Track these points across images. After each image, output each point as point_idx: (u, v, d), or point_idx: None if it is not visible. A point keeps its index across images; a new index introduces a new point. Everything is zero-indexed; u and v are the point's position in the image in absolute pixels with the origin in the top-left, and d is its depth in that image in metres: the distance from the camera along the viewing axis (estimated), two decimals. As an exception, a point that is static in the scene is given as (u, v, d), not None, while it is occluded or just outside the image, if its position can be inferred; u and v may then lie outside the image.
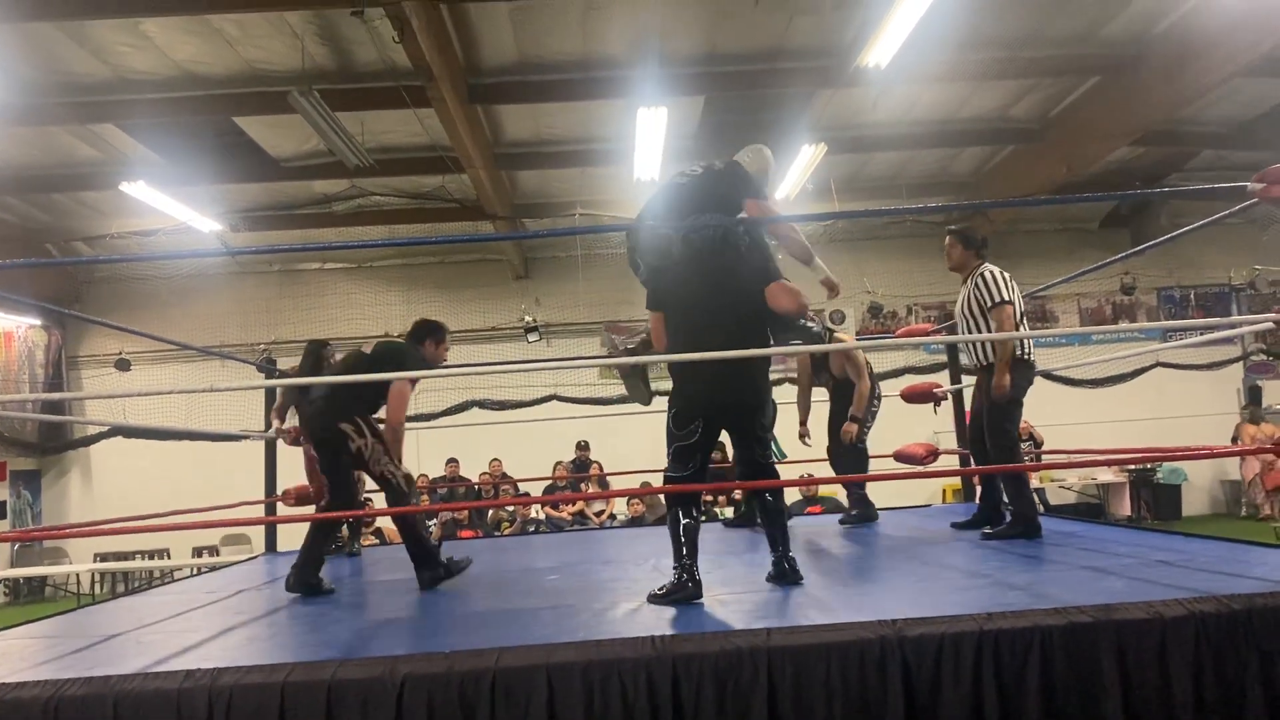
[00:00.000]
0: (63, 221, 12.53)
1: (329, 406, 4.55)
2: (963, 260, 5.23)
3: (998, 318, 4.92)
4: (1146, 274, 13.82)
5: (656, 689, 2.56)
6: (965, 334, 5.22)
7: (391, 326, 13.55)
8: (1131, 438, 11.64)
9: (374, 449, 4.46)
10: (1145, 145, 11.67)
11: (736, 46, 9.04)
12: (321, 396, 4.66)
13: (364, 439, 4.45)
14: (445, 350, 5.09)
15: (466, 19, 8.27)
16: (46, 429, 13.01)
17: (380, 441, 4.49)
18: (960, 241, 5.24)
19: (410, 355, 4.71)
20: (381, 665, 2.62)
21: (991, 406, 4.97)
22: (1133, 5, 8.65)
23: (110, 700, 2.56)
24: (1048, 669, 2.61)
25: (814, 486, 9.40)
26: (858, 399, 6.03)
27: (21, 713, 2.54)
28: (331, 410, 4.52)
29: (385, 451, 4.48)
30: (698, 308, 3.71)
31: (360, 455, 4.46)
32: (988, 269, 5.08)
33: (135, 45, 8.28)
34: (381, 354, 4.67)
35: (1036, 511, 5.05)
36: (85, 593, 11.79)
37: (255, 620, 3.86)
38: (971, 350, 5.24)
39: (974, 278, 5.11)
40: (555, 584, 4.44)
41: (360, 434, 4.44)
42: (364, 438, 4.45)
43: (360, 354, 4.81)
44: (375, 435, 4.49)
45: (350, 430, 4.44)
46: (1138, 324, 13.76)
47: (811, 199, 12.07)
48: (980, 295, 5.02)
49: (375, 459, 4.47)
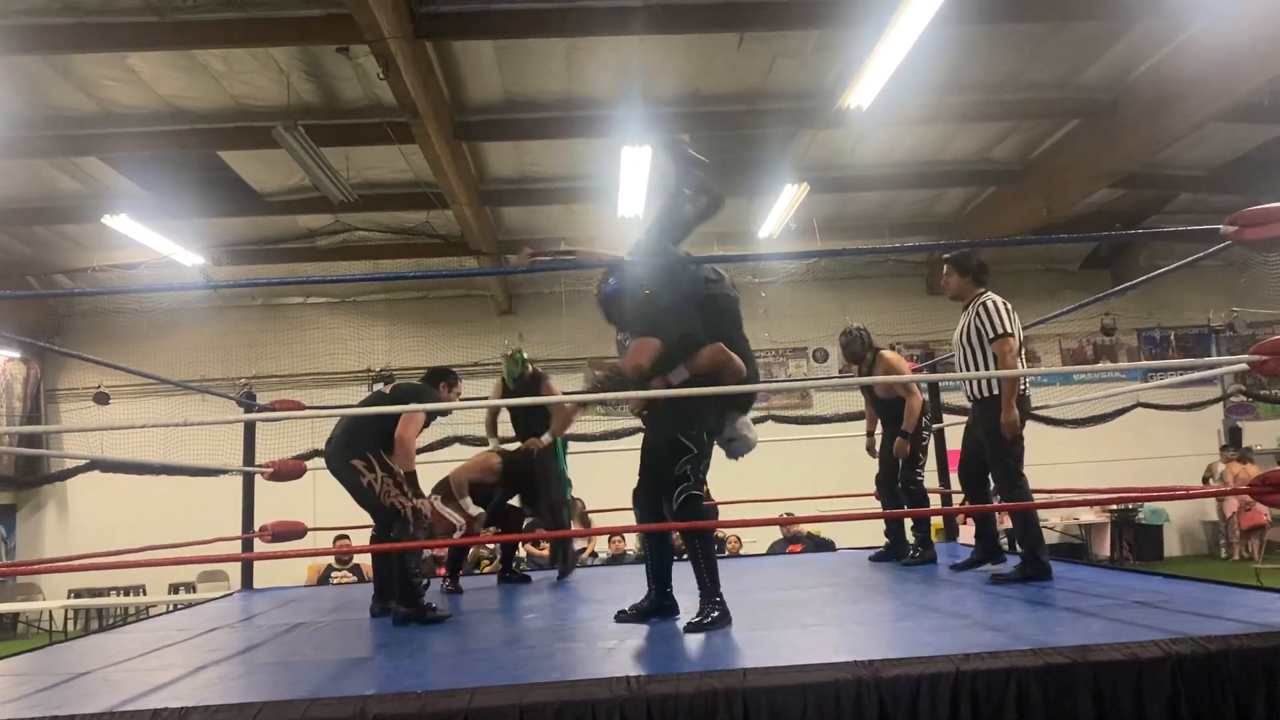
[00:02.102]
0: (44, 254, 12.48)
1: (345, 443, 4.70)
2: (961, 288, 5.10)
3: (1000, 350, 4.78)
4: (1127, 315, 13.92)
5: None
6: (962, 363, 5.02)
7: (374, 361, 13.52)
8: (1114, 478, 11.66)
9: (384, 483, 4.57)
10: (1125, 188, 11.81)
11: (720, 87, 9.12)
12: (340, 433, 4.80)
13: (374, 474, 4.57)
14: (457, 394, 5.42)
15: (451, 57, 8.34)
16: (23, 463, 12.86)
17: (391, 476, 4.59)
18: (956, 269, 5.11)
19: (427, 394, 5.04)
20: (352, 705, 2.58)
21: (997, 442, 4.80)
22: (1109, 51, 8.80)
23: (74, 740, 2.51)
24: (1024, 710, 2.60)
25: (794, 525, 9.35)
26: (908, 415, 5.82)
27: (-18, 753, 2.50)
28: (347, 446, 4.67)
29: (396, 485, 4.59)
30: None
31: (371, 489, 4.57)
32: (990, 298, 4.94)
33: (121, 79, 8.30)
34: (404, 391, 4.99)
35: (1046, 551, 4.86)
36: (58, 630, 11.61)
37: (228, 659, 3.80)
38: (970, 382, 5.03)
39: (975, 306, 4.97)
40: (532, 622, 4.40)
41: (370, 469, 4.57)
42: (374, 473, 4.57)
43: (381, 394, 5.13)
44: (386, 470, 4.59)
45: (361, 466, 4.58)
46: (1118, 364, 13.86)
47: (795, 238, 12.15)
48: (981, 325, 4.88)
49: (385, 492, 4.57)
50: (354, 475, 4.59)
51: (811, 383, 14.02)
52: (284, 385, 13.03)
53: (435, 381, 5.28)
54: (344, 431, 4.78)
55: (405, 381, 5.52)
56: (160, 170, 10.20)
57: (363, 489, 4.59)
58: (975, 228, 12.81)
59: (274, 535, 6.10)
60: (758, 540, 11.20)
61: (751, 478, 11.03)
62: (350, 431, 4.74)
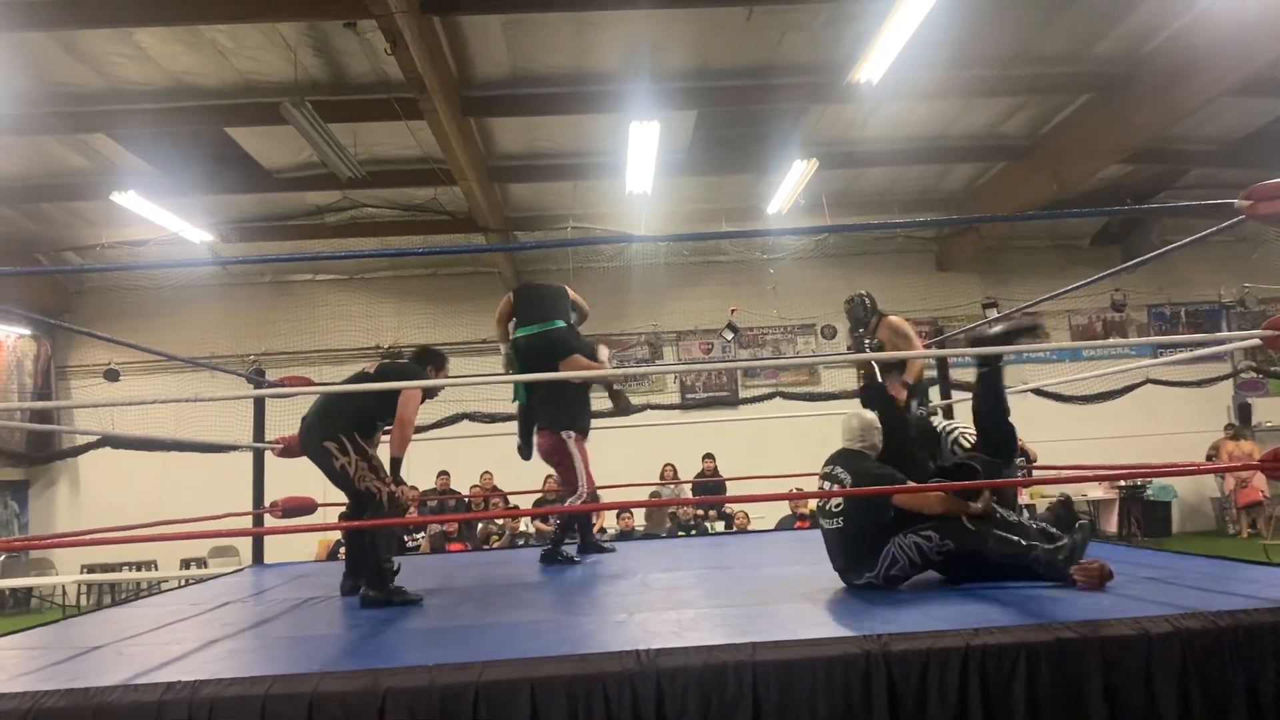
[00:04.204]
0: (53, 231, 12.49)
1: (318, 423, 4.61)
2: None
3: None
4: (1137, 291, 13.86)
5: (641, 703, 2.55)
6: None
7: (383, 339, 13.53)
8: (1122, 454, 11.65)
9: (358, 467, 4.47)
10: (1136, 163, 11.72)
11: (728, 62, 9.06)
12: (314, 414, 4.70)
13: (347, 457, 4.47)
14: (445, 376, 5.23)
15: (459, 32, 8.29)
16: (34, 439, 12.94)
17: (365, 460, 4.49)
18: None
19: (416, 373, 4.91)
20: (364, 678, 2.60)
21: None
22: (1122, 24, 8.71)
23: (89, 712, 2.54)
24: (1034, 685, 2.61)
25: (802, 501, 9.37)
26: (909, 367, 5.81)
27: (-1, 724, 2.52)
28: (320, 427, 4.58)
29: (371, 469, 4.49)
30: None
31: (345, 473, 4.48)
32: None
33: (128, 55, 8.28)
34: (387, 372, 4.85)
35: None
36: (71, 604, 11.70)
37: (239, 632, 3.83)
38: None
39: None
40: (542, 598, 4.42)
41: (344, 452, 4.47)
42: (347, 455, 4.47)
43: (364, 374, 4.89)
44: (360, 454, 4.50)
45: (334, 448, 4.48)
46: (1128, 340, 13.81)
47: (803, 214, 12.11)
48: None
49: (360, 476, 4.47)
50: (326, 457, 4.50)
51: (816, 359, 13.98)
52: (293, 362, 13.05)
53: (424, 364, 5.11)
54: (319, 412, 4.68)
55: (392, 362, 5.36)
56: (168, 147, 10.19)
57: (335, 471, 4.50)
58: (984, 203, 12.73)
59: (284, 511, 6.12)
60: (765, 516, 11.24)
61: (760, 454, 11.13)
62: (326, 412, 4.64)
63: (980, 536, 3.72)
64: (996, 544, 3.70)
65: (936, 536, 3.72)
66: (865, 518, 3.87)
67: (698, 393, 13.97)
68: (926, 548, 3.73)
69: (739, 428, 12.14)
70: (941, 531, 3.72)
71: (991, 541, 3.71)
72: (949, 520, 3.75)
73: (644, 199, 10.98)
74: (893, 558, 3.76)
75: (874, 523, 3.85)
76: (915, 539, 3.74)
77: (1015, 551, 3.70)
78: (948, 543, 3.71)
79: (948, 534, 3.72)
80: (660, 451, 11.73)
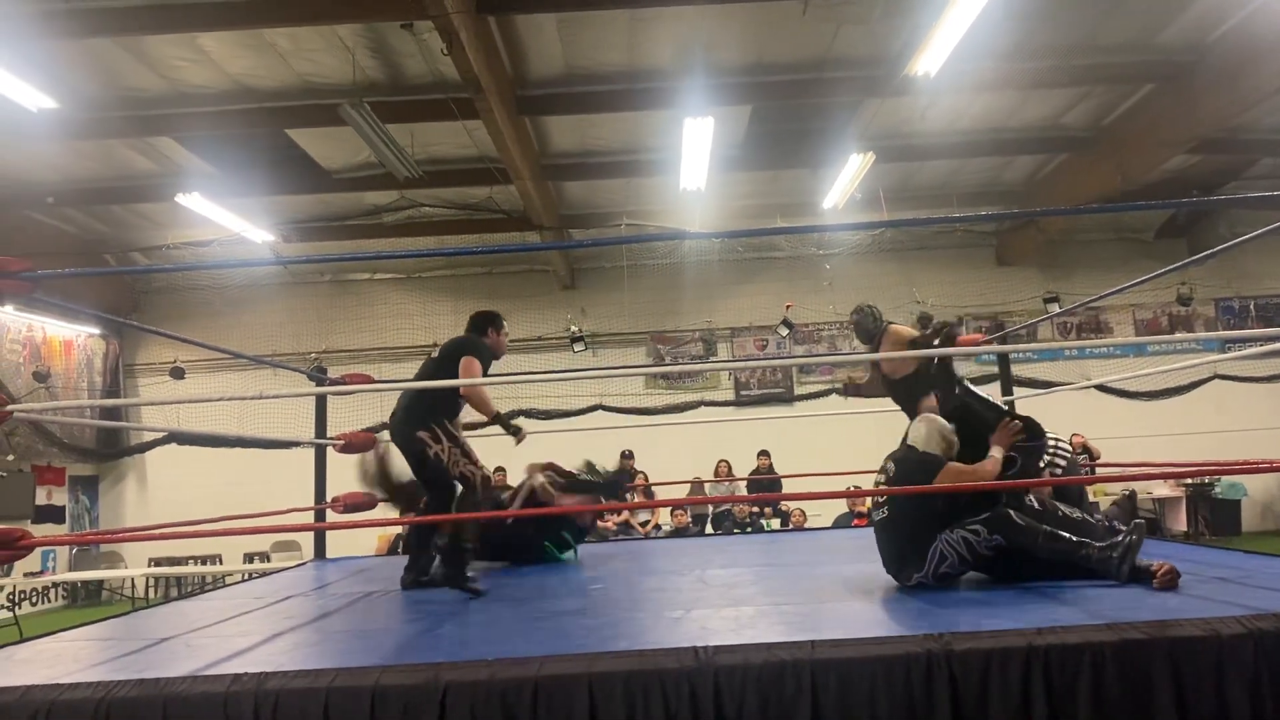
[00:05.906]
0: (120, 233, 12.80)
1: (407, 416, 4.74)
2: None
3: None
4: (1204, 285, 13.52)
5: (699, 700, 2.54)
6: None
7: (440, 336, 13.63)
8: (1190, 452, 11.36)
9: (451, 453, 4.60)
10: (1202, 153, 11.42)
11: (783, 56, 9.01)
12: (402, 407, 4.82)
13: (440, 445, 4.60)
14: (505, 336, 5.28)
15: (514, 31, 8.34)
16: (104, 435, 13.30)
17: (458, 446, 4.62)
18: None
19: (474, 344, 4.93)
20: (424, 672, 2.62)
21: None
22: (1187, 11, 8.50)
23: (159, 702, 2.60)
24: (1099, 686, 2.55)
25: (860, 499, 9.28)
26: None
27: (73, 713, 2.59)
28: (411, 419, 4.70)
29: (464, 454, 4.63)
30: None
31: (439, 461, 4.60)
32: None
33: (191, 59, 8.45)
34: (449, 348, 4.91)
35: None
36: (140, 596, 12.00)
37: (302, 626, 3.89)
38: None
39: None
40: (599, 593, 4.43)
41: (437, 440, 4.60)
42: (440, 444, 4.60)
43: (430, 359, 5.02)
44: (452, 440, 4.62)
45: (427, 437, 4.61)
46: (1194, 334, 13.49)
47: (860, 208, 12.00)
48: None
49: (454, 462, 4.60)
50: (420, 446, 4.62)
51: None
52: (353, 360, 13.25)
53: (481, 330, 5.12)
54: (405, 405, 4.81)
55: (451, 339, 5.27)
56: (230, 149, 10.40)
57: (429, 460, 4.62)
58: (1045, 196, 12.50)
59: (346, 506, 6.20)
60: (822, 514, 11.16)
61: (818, 452, 11.04)
62: (411, 405, 4.77)
63: (1032, 532, 3.64)
64: (1047, 540, 3.63)
65: (985, 531, 3.64)
66: (912, 503, 3.82)
67: (752, 389, 13.92)
68: (975, 542, 3.65)
69: (795, 424, 12.08)
70: (990, 526, 3.65)
71: (1043, 538, 3.63)
72: (998, 515, 3.69)
73: (698, 195, 10.95)
74: (941, 554, 3.69)
75: (922, 510, 3.79)
76: (963, 534, 3.67)
77: (1066, 548, 3.62)
78: (996, 537, 3.64)
79: (996, 528, 3.65)
80: (715, 448, 11.71)
